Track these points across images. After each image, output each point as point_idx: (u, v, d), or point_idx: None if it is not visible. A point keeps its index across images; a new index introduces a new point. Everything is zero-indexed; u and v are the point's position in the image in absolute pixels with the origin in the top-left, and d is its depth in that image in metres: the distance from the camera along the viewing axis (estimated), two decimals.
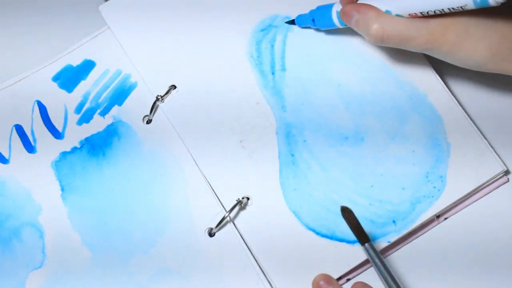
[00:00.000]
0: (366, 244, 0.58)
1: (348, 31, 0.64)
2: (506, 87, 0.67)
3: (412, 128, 0.64)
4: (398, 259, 0.63)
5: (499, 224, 0.64)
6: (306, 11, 0.68)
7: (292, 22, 0.67)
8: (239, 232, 0.63)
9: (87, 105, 0.67)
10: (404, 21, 0.57)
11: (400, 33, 0.58)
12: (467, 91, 0.68)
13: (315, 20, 0.65)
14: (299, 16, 0.67)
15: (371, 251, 0.58)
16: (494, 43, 0.57)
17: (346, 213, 0.59)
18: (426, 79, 0.65)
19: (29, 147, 0.66)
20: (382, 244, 0.62)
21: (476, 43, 0.57)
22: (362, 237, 0.58)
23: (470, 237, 0.63)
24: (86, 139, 0.66)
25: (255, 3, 0.69)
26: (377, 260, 0.57)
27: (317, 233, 0.62)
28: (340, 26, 0.63)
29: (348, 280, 0.62)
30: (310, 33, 0.67)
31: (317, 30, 0.67)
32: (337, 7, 0.62)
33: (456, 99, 0.65)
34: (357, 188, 0.63)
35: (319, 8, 0.65)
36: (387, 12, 0.58)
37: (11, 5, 0.73)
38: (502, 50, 0.57)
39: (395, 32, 0.58)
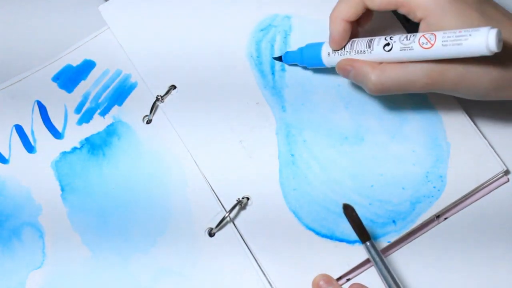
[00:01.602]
0: (367, 242, 0.58)
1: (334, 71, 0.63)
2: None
3: (412, 128, 0.64)
4: (398, 259, 0.63)
5: (499, 224, 0.64)
6: (305, 10, 0.68)
7: (279, 58, 0.67)
8: (239, 232, 0.63)
9: (87, 105, 0.68)
10: (400, 68, 0.57)
11: (398, 81, 0.57)
12: None
13: (304, 58, 0.65)
14: (287, 52, 0.66)
15: (372, 250, 0.58)
16: (495, 76, 0.56)
17: (348, 210, 0.59)
18: None
19: (29, 147, 0.66)
20: (382, 244, 0.62)
21: (477, 79, 0.56)
22: (363, 235, 0.58)
23: (470, 237, 0.63)
24: (86, 139, 0.66)
25: (254, 3, 0.69)
26: (377, 259, 0.57)
27: (317, 233, 0.62)
28: (328, 66, 0.63)
29: (348, 280, 0.62)
30: (310, 33, 0.67)
31: (304, 68, 0.66)
32: (326, 47, 0.62)
33: (456, 99, 0.65)
34: (357, 188, 0.63)
35: (308, 46, 0.64)
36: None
37: (11, 5, 0.73)
38: (505, 80, 0.56)
39: (393, 81, 0.57)
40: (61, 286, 0.63)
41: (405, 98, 0.65)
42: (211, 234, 0.63)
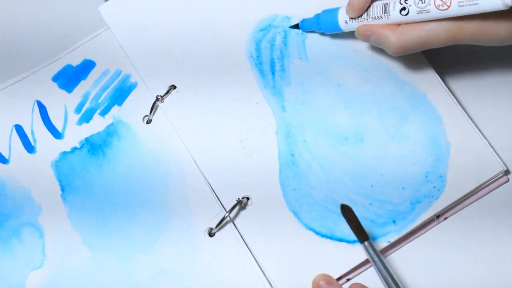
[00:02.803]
0: (366, 242, 0.58)
1: (352, 34, 0.64)
2: (507, 87, 0.67)
3: (412, 128, 0.64)
4: (398, 259, 0.63)
5: (499, 224, 0.64)
6: (305, 10, 0.68)
7: (296, 26, 0.67)
8: (239, 232, 0.63)
9: (87, 105, 0.68)
10: (419, 27, 0.58)
11: (419, 40, 0.58)
12: (467, 91, 0.68)
13: (320, 24, 0.65)
14: (304, 20, 0.67)
15: (370, 250, 0.58)
16: None
17: (346, 211, 0.59)
18: (426, 79, 0.65)
19: (29, 147, 0.66)
20: (382, 244, 0.62)
21: (495, 28, 0.57)
22: (361, 235, 0.58)
23: (470, 237, 0.63)
24: (86, 139, 0.66)
25: (254, 3, 0.69)
26: (376, 259, 0.57)
27: (317, 233, 0.62)
28: (346, 30, 0.64)
29: (348, 280, 0.62)
30: (310, 33, 0.67)
31: (322, 34, 0.67)
32: (343, 11, 0.63)
33: (456, 99, 0.65)
34: (357, 188, 0.63)
35: (324, 12, 0.65)
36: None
37: (11, 5, 0.73)
38: None
39: (413, 41, 0.59)
40: (61, 286, 0.63)
41: (405, 98, 0.65)
42: (211, 234, 0.63)
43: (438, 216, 0.63)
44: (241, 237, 0.63)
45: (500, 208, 0.64)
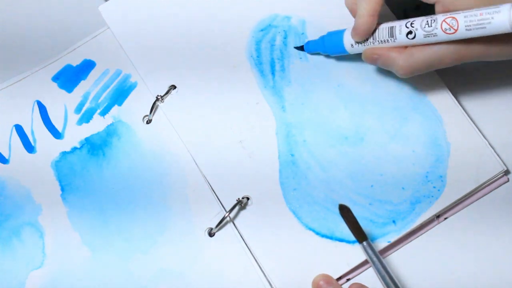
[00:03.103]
0: (364, 242, 0.58)
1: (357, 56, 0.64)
2: (507, 87, 0.67)
3: (412, 128, 0.64)
4: (398, 259, 0.63)
5: (499, 224, 0.64)
6: (305, 10, 0.68)
7: (301, 48, 0.67)
8: (239, 232, 0.63)
9: (87, 105, 0.68)
10: (427, 49, 0.58)
11: (427, 62, 0.58)
12: (467, 91, 0.68)
13: (326, 47, 0.65)
14: (309, 42, 0.66)
15: (368, 250, 0.58)
16: None
17: (344, 211, 0.59)
18: (426, 79, 0.65)
19: (29, 147, 0.66)
20: (382, 244, 0.62)
21: (504, 45, 0.56)
22: (360, 235, 0.58)
23: (470, 237, 0.63)
24: (86, 139, 0.66)
25: (254, 3, 0.69)
26: (375, 259, 0.57)
27: (317, 233, 0.62)
28: (352, 53, 0.63)
29: (348, 280, 0.62)
30: (310, 33, 0.67)
31: (327, 56, 0.67)
32: (348, 34, 0.62)
33: (456, 99, 0.65)
34: (357, 188, 0.63)
35: (329, 34, 0.64)
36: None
37: (11, 5, 0.73)
38: None
39: (421, 63, 0.58)
40: (61, 286, 0.63)
41: (405, 98, 0.65)
42: (211, 234, 0.63)
43: (438, 216, 0.63)
44: (241, 237, 0.63)
45: (500, 208, 0.64)
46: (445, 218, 0.64)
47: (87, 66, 0.69)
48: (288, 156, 0.64)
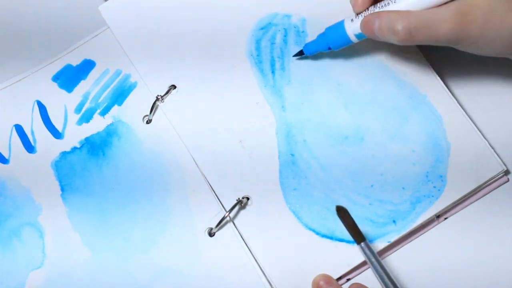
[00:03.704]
0: (362, 243, 0.58)
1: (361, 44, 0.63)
2: (507, 87, 0.67)
3: (412, 128, 0.64)
4: (398, 259, 0.63)
5: (499, 224, 0.64)
6: (305, 8, 0.68)
7: (300, 53, 0.66)
8: (239, 232, 0.63)
9: (87, 105, 0.68)
10: (425, 12, 0.57)
11: (426, 23, 0.57)
12: (467, 91, 0.67)
13: (328, 39, 0.63)
14: (307, 44, 0.65)
15: (367, 250, 0.58)
16: None
17: (342, 212, 0.59)
18: (426, 79, 0.65)
19: (29, 147, 0.66)
20: (382, 244, 0.62)
21: (500, 26, 0.56)
22: (357, 236, 0.58)
23: (470, 237, 0.63)
24: (86, 139, 0.66)
25: (254, 1, 0.69)
26: (373, 259, 0.57)
27: (317, 233, 0.62)
28: (357, 40, 0.62)
29: (348, 280, 0.62)
30: (310, 32, 0.67)
31: (330, 54, 0.66)
32: (348, 22, 0.62)
33: (456, 99, 0.65)
34: (357, 188, 0.63)
35: (328, 29, 0.63)
36: None
37: (11, 5, 0.73)
38: None
39: (421, 24, 0.57)
40: (61, 286, 0.63)
41: (405, 98, 0.65)
42: (211, 234, 0.63)
43: (438, 216, 0.63)
44: (241, 237, 0.63)
45: (500, 208, 0.64)
46: (445, 218, 0.64)
47: (87, 66, 0.69)
48: (288, 156, 0.64)
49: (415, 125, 0.64)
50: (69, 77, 0.68)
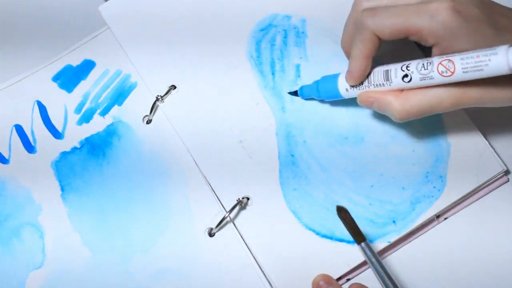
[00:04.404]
0: (362, 243, 0.58)
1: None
2: None
3: (412, 128, 0.64)
4: (398, 259, 0.63)
5: (499, 224, 0.64)
6: (305, 10, 0.68)
7: (295, 93, 0.66)
8: (239, 232, 0.63)
9: (87, 105, 0.68)
10: (423, 94, 0.56)
11: (423, 107, 0.57)
12: None
13: (320, 92, 0.63)
14: (302, 87, 0.65)
15: (367, 250, 0.58)
16: None
17: (342, 212, 0.59)
18: None
19: (29, 147, 0.67)
20: (382, 244, 0.62)
21: (502, 90, 0.55)
22: (358, 236, 0.58)
23: (470, 237, 0.63)
24: (86, 139, 0.66)
25: (254, 2, 0.69)
26: (373, 259, 0.57)
27: (317, 233, 0.62)
28: (347, 97, 0.62)
29: (348, 280, 0.62)
30: (310, 33, 0.67)
31: (321, 101, 0.65)
32: (343, 78, 0.61)
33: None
34: (357, 188, 0.63)
35: (324, 78, 0.63)
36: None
37: (11, 5, 0.73)
38: None
39: (417, 107, 0.57)
40: (61, 286, 0.63)
41: None
42: (211, 234, 0.63)
43: (438, 216, 0.63)
44: (241, 237, 0.63)
45: (500, 208, 0.64)
46: (445, 218, 0.64)
47: (87, 66, 0.69)
48: (288, 156, 0.64)
49: (415, 125, 0.64)
50: (69, 77, 0.68)
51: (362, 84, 0.60)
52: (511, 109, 0.66)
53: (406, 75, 0.56)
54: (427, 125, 0.64)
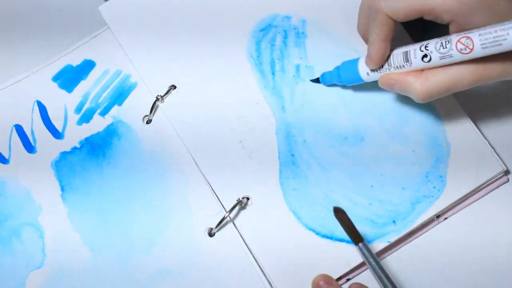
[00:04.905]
0: (360, 243, 0.58)
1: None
2: (507, 87, 0.67)
3: (412, 128, 0.64)
4: (398, 259, 0.63)
5: (499, 224, 0.64)
6: (306, 11, 0.68)
7: (316, 80, 0.66)
8: (239, 232, 0.63)
9: (87, 105, 0.68)
10: (443, 72, 0.57)
11: (444, 85, 0.57)
12: (467, 91, 0.67)
13: (342, 77, 0.64)
14: (324, 74, 0.65)
15: (365, 251, 0.58)
16: None
17: (339, 213, 0.59)
18: None
19: (29, 147, 0.66)
20: (382, 244, 0.62)
21: None
22: (355, 237, 0.58)
23: (470, 237, 0.63)
24: (86, 139, 0.66)
25: (254, 2, 0.69)
26: (371, 260, 0.57)
27: (317, 233, 0.62)
28: (368, 81, 0.62)
29: (348, 280, 0.62)
30: (310, 33, 0.67)
31: (344, 87, 0.66)
32: (363, 62, 0.62)
33: (456, 99, 0.65)
34: (357, 188, 0.63)
35: (344, 64, 0.64)
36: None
37: (11, 5, 0.73)
38: None
39: (438, 85, 0.57)
40: (61, 286, 0.63)
41: (405, 98, 0.65)
42: (211, 234, 0.63)
43: (438, 216, 0.63)
44: (241, 237, 0.63)
45: (500, 208, 0.64)
46: (445, 218, 0.64)
47: (87, 66, 0.69)
48: (288, 156, 0.64)
49: (415, 125, 0.64)
50: (69, 77, 0.68)
51: (383, 67, 0.60)
52: (511, 109, 0.66)
53: (425, 55, 0.57)
54: (427, 125, 0.64)
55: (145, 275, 0.63)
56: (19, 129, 0.67)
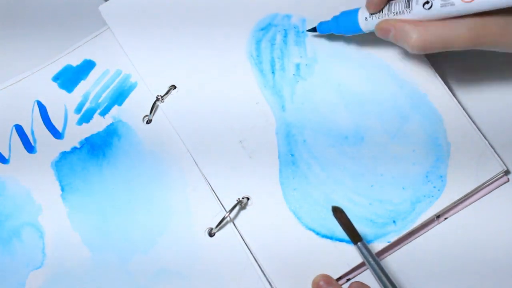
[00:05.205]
0: (359, 243, 0.58)
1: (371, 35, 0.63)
2: (507, 87, 0.67)
3: (412, 128, 0.64)
4: (398, 259, 0.63)
5: (499, 224, 0.64)
6: (305, 9, 0.68)
7: (313, 29, 0.66)
8: (239, 232, 0.63)
9: (87, 105, 0.68)
10: (442, 24, 0.57)
11: (440, 38, 0.57)
12: (467, 91, 0.67)
13: (340, 25, 0.64)
14: (321, 23, 0.65)
15: (364, 250, 0.58)
16: None
17: (338, 213, 0.59)
18: (426, 79, 0.65)
19: (29, 147, 0.67)
20: (382, 244, 0.62)
21: None
22: (354, 236, 0.58)
23: (470, 237, 0.63)
24: (86, 139, 0.66)
25: (254, 2, 0.69)
26: (370, 259, 0.57)
27: (317, 233, 0.62)
28: (366, 31, 0.62)
29: (348, 280, 0.62)
30: (311, 32, 0.67)
31: (341, 36, 0.66)
32: (363, 12, 0.61)
33: (456, 99, 0.65)
34: (357, 188, 0.63)
35: (343, 13, 0.63)
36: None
37: (11, 5, 0.73)
38: None
39: (435, 37, 0.57)
40: (61, 286, 0.63)
41: (405, 98, 0.65)
42: (211, 234, 0.63)
43: (438, 216, 0.63)
44: (241, 237, 0.63)
45: (500, 208, 0.64)
46: (445, 218, 0.64)
47: (87, 66, 0.69)
48: (288, 156, 0.64)
49: (415, 125, 0.64)
50: (69, 77, 0.68)
51: (382, 11, 0.60)
52: (511, 109, 0.66)
53: (427, 2, 0.57)
54: (427, 125, 0.64)
55: (145, 275, 0.63)
56: (19, 129, 0.67)
